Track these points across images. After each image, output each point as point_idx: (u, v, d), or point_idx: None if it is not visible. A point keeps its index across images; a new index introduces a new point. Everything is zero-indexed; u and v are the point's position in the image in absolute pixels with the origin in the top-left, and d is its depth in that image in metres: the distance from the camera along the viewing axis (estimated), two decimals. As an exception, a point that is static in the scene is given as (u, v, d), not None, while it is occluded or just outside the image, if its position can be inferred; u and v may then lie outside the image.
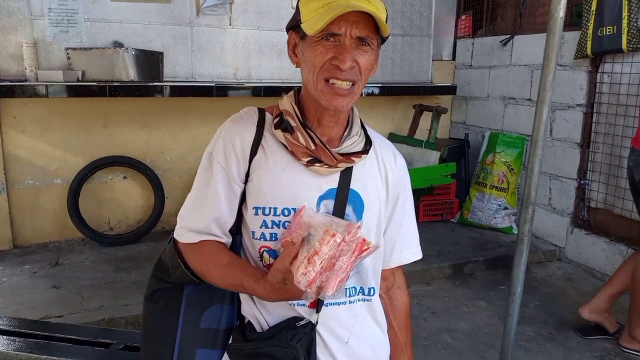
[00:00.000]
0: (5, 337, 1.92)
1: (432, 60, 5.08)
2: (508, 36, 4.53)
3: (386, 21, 1.04)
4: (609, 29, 3.51)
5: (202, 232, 1.10)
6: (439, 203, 4.67)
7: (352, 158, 1.11)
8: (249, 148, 1.11)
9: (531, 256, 3.61)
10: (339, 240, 0.92)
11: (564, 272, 3.83)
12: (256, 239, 1.10)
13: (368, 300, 1.17)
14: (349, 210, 1.11)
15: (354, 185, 1.12)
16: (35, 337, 1.95)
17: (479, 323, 3.09)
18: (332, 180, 1.11)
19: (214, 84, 4.01)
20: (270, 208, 1.08)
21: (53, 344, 1.90)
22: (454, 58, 5.23)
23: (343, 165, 1.10)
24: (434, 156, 4.24)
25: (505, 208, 4.40)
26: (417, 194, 4.25)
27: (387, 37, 1.09)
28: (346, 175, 1.12)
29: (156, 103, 4.10)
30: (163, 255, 1.19)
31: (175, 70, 4.17)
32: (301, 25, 1.04)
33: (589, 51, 3.66)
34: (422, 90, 4.90)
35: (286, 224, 1.08)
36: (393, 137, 4.84)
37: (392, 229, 1.22)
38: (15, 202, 3.85)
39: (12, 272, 3.42)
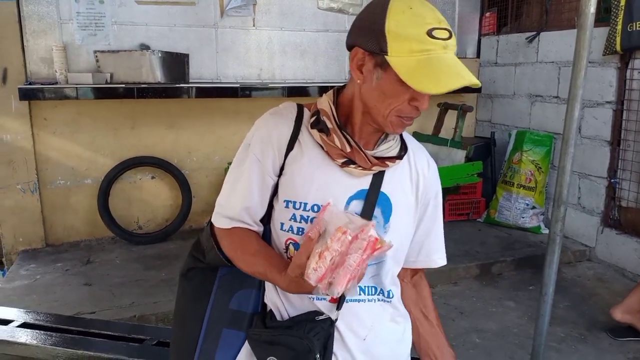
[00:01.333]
0: (42, 331, 1.97)
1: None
2: (534, 33, 4.46)
3: None
4: (639, 24, 3.43)
5: (235, 219, 1.13)
6: (465, 202, 4.64)
7: (387, 162, 1.12)
8: (285, 142, 1.12)
9: (561, 256, 3.54)
10: (350, 238, 0.93)
11: (594, 273, 3.76)
12: (284, 230, 1.12)
13: (388, 302, 1.19)
14: (377, 212, 1.13)
15: (385, 188, 1.14)
16: (70, 332, 1.98)
17: (508, 323, 3.05)
18: (364, 182, 1.12)
19: (238, 85, 4.04)
20: (300, 203, 1.10)
21: (88, 339, 1.93)
22: (478, 55, 5.18)
23: (377, 169, 1.11)
24: (459, 155, 4.20)
25: (533, 207, 4.34)
26: (443, 193, 4.16)
27: None
28: (378, 178, 1.13)
29: (182, 104, 4.15)
30: (201, 236, 1.23)
31: (200, 71, 4.22)
32: (387, 57, 0.99)
33: (618, 47, 3.58)
34: (447, 89, 4.85)
35: (314, 219, 1.09)
36: (418, 136, 4.81)
37: (420, 233, 1.24)
38: (47, 201, 3.94)
39: (45, 270, 3.50)
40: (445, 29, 1.00)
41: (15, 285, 3.26)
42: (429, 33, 0.98)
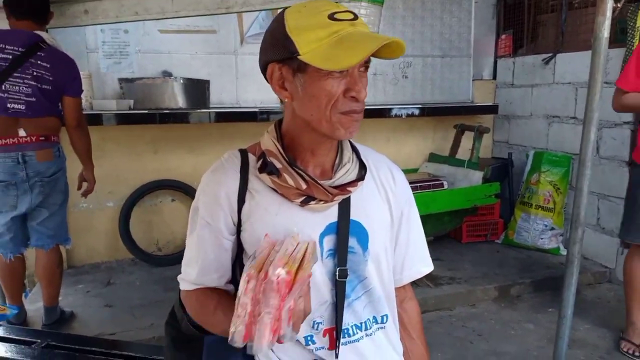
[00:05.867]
0: (63, 352, 2.02)
1: (473, 80, 5.07)
2: (550, 54, 4.48)
3: None
4: (656, 44, 3.43)
5: (196, 284, 1.11)
6: (482, 224, 4.61)
7: (348, 189, 1.05)
8: (235, 198, 1.06)
9: (580, 277, 3.49)
10: (252, 286, 0.84)
11: (614, 294, 3.69)
12: None
13: (382, 327, 1.14)
14: (353, 242, 1.06)
15: (355, 215, 1.07)
16: (92, 353, 2.03)
17: (528, 346, 3.01)
18: (330, 215, 1.05)
19: (257, 109, 4.12)
20: None
21: (110, 360, 1.98)
22: (494, 77, 5.20)
23: (339, 198, 1.04)
24: (477, 176, 4.20)
25: (552, 228, 4.30)
26: (460, 214, 4.21)
27: None
28: (345, 205, 1.06)
29: (203, 129, 4.24)
30: (175, 305, 1.20)
31: (221, 97, 4.32)
32: (300, 57, 0.93)
33: (635, 68, 3.57)
34: (463, 110, 4.89)
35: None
36: (434, 158, 4.83)
37: (400, 246, 1.18)
38: (71, 224, 4.02)
39: (66, 292, 3.56)
40: (347, 11, 0.95)
41: (38, 307, 3.32)
42: (331, 17, 0.93)
